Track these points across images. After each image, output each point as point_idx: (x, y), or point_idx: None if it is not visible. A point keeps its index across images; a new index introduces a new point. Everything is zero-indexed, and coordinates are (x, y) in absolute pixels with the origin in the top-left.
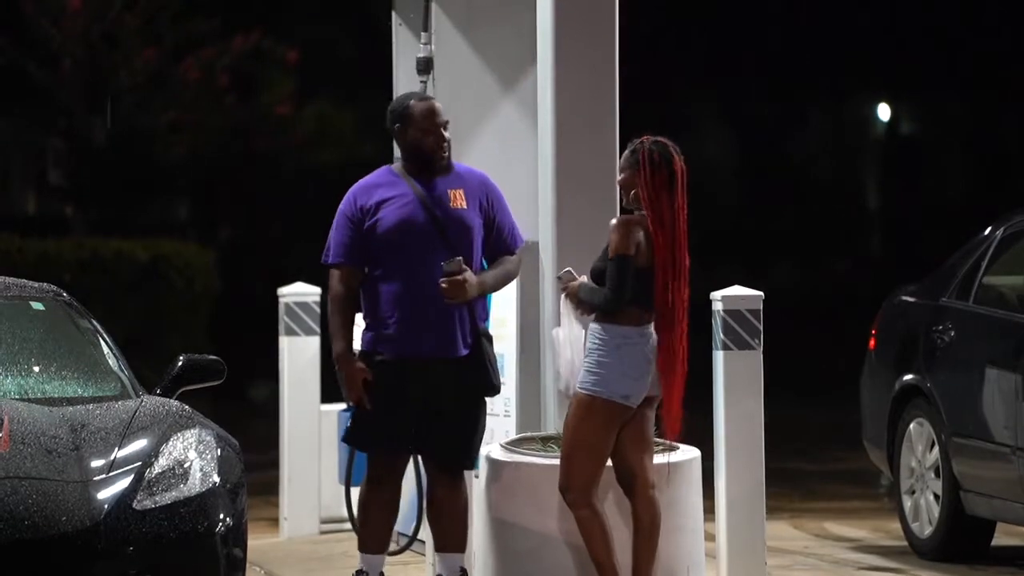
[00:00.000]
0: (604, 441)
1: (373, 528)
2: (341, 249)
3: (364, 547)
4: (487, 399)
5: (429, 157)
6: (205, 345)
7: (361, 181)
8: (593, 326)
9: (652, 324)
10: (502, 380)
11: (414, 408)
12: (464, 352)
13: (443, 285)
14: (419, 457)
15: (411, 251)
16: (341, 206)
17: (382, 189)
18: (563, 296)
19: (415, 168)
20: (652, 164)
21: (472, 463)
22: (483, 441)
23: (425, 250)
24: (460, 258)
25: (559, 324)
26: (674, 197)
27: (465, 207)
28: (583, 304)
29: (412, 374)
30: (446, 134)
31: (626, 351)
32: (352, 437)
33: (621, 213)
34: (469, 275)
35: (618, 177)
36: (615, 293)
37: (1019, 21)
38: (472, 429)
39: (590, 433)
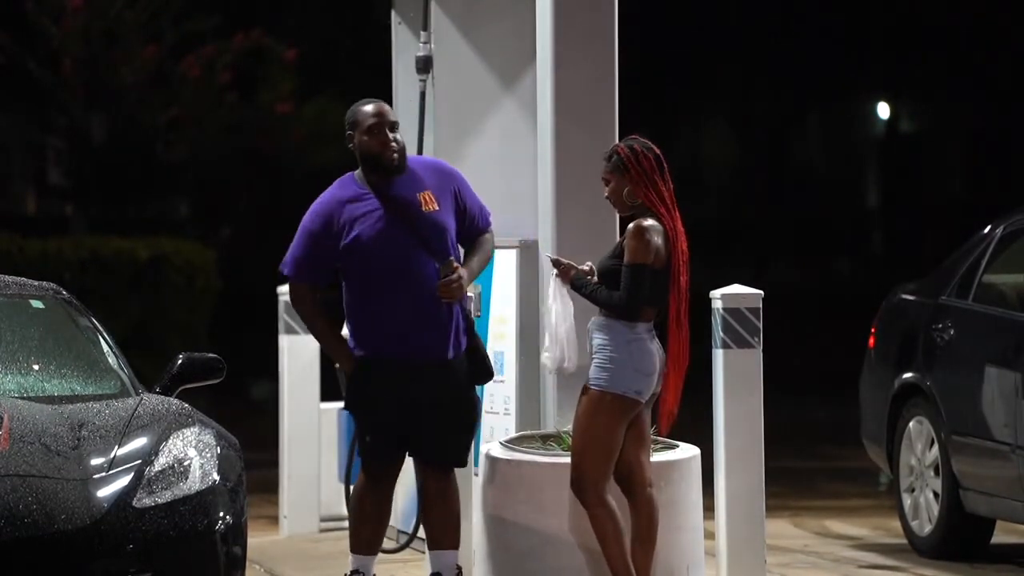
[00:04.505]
0: (616, 437)
1: (369, 529)
2: (304, 266)
3: (358, 549)
4: (484, 400)
5: (376, 159)
6: (205, 343)
7: (327, 196)
8: (601, 322)
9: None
10: (501, 378)
11: (409, 410)
12: (457, 353)
13: (440, 287)
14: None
15: (395, 264)
16: (307, 222)
17: (351, 204)
18: (553, 274)
19: (372, 173)
20: (636, 155)
21: (462, 462)
22: (482, 439)
23: (408, 260)
24: (452, 257)
25: (550, 300)
26: (666, 180)
27: (438, 208)
28: (591, 300)
29: (405, 378)
30: (393, 135)
31: (636, 347)
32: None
33: (621, 222)
34: (462, 271)
35: (604, 192)
36: (632, 300)
37: (1019, 19)
38: (467, 429)
39: (603, 429)
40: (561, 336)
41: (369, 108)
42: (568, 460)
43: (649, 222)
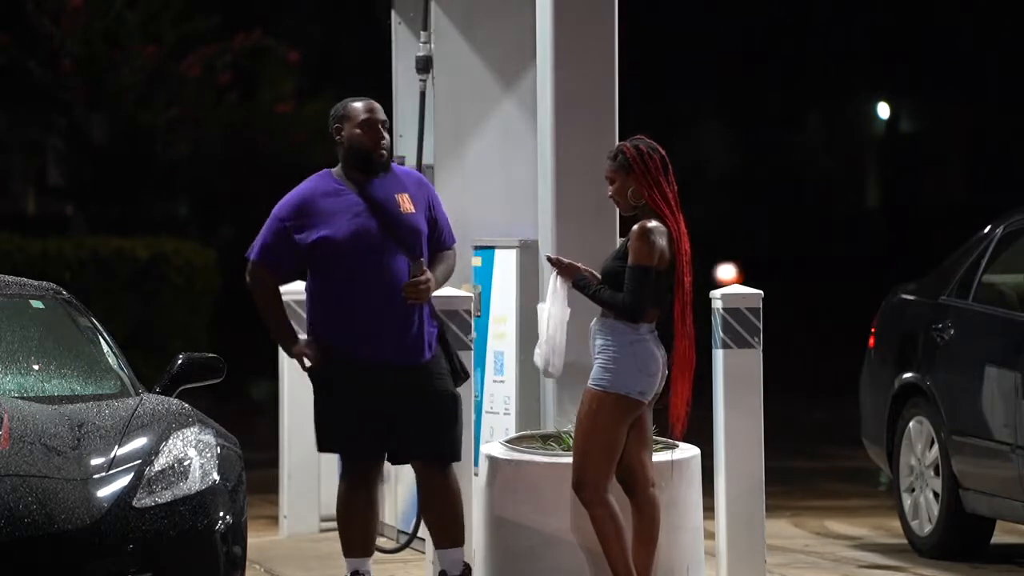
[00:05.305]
0: (618, 437)
1: (357, 532)
2: (267, 253)
3: (351, 552)
4: (484, 400)
5: (367, 155)
6: (205, 343)
7: (303, 187)
8: (604, 323)
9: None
10: (501, 378)
11: (385, 412)
12: (429, 356)
13: (408, 287)
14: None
15: (368, 260)
16: (278, 210)
17: (328, 198)
18: (554, 275)
19: (355, 170)
20: (642, 155)
21: (457, 456)
22: (482, 439)
23: (381, 257)
24: (423, 259)
25: (544, 300)
26: (670, 181)
27: (413, 211)
28: (595, 300)
29: (380, 380)
30: (384, 133)
31: (639, 348)
32: (324, 443)
33: (622, 222)
34: (431, 276)
35: (608, 191)
36: (636, 302)
37: (1020, 19)
38: (451, 424)
39: (605, 429)
40: (552, 339)
41: (363, 104)
42: (568, 460)
43: (653, 223)
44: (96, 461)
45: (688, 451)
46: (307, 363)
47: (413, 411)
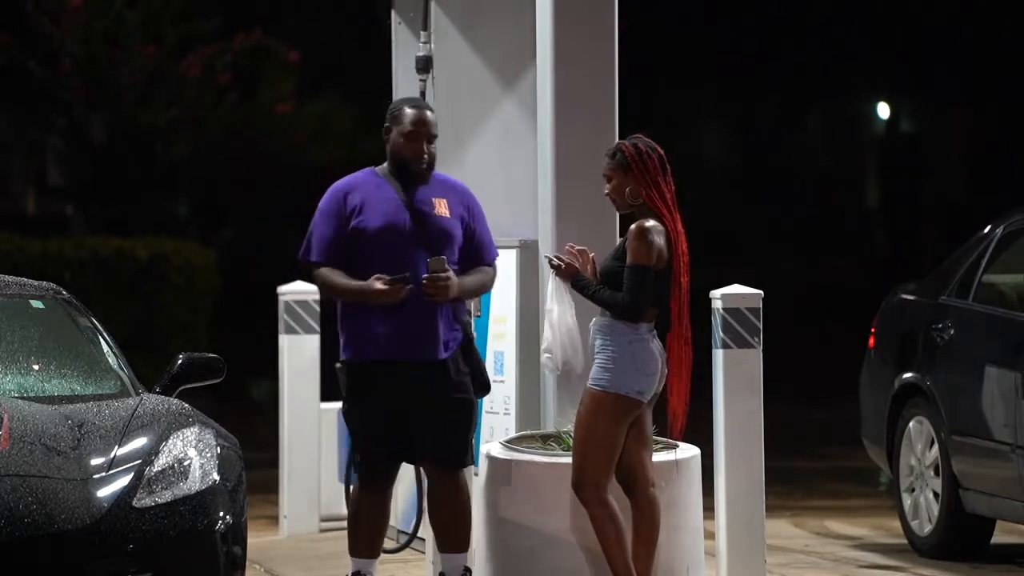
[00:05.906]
0: (617, 437)
1: (365, 533)
2: (325, 247)
3: (357, 552)
4: (484, 400)
5: (407, 162)
6: (205, 343)
7: (344, 180)
8: (603, 323)
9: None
10: (501, 378)
11: (401, 411)
12: (447, 355)
13: (425, 282)
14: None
15: (394, 254)
16: (323, 204)
17: (366, 190)
18: (553, 274)
19: (397, 172)
20: (640, 154)
21: (468, 461)
22: (482, 439)
23: (408, 254)
24: (444, 256)
25: (552, 301)
26: (668, 181)
27: (448, 216)
28: (594, 300)
29: (398, 378)
30: (428, 146)
31: (638, 347)
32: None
33: (621, 222)
34: (452, 274)
35: (605, 189)
36: (634, 302)
37: (1020, 19)
38: (465, 428)
39: (604, 429)
40: (563, 338)
41: (414, 114)
42: (568, 460)
43: (651, 223)
44: (96, 461)
45: (688, 451)
46: (387, 288)
47: (426, 412)
